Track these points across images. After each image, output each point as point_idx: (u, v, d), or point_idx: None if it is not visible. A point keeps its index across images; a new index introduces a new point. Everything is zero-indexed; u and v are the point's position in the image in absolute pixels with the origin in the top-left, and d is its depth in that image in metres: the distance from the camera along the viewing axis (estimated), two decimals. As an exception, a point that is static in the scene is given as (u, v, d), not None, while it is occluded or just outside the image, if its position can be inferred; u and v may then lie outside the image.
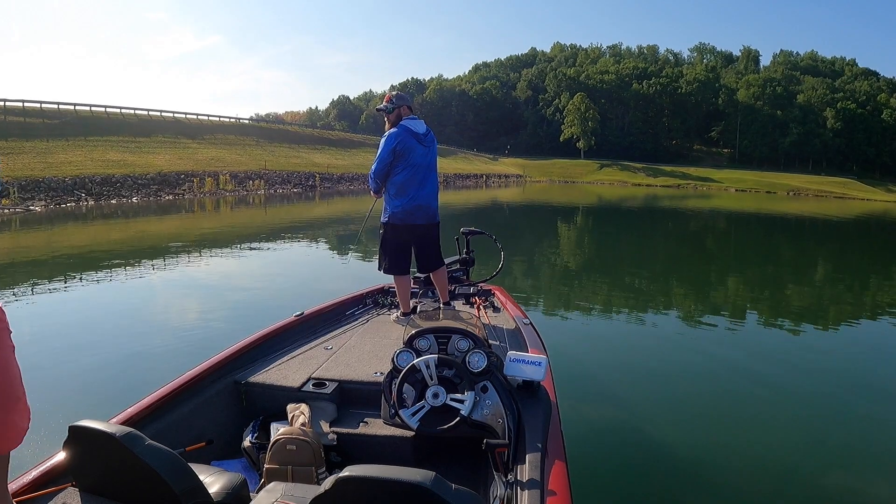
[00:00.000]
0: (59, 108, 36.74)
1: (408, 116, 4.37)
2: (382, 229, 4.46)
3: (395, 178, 4.32)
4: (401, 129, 4.29)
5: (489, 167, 74.83)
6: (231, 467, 2.37)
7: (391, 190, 4.36)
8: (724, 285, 11.67)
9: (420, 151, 4.32)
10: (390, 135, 4.28)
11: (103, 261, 11.30)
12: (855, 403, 5.19)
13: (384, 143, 4.27)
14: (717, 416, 4.81)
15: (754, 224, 28.75)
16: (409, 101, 4.46)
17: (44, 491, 1.92)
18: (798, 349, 6.93)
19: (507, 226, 21.87)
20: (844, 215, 36.46)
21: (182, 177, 30.21)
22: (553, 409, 2.54)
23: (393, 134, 4.27)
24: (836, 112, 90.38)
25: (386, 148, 4.26)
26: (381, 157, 4.28)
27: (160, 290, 9.04)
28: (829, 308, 9.70)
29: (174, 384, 2.77)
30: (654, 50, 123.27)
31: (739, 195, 59.55)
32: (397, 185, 4.33)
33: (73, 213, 20.03)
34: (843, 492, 3.73)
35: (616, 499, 3.58)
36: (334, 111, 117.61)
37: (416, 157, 4.31)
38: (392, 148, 4.24)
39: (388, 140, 4.26)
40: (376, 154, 4.33)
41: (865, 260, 17.22)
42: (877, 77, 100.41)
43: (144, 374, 5.06)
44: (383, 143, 4.27)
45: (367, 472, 1.51)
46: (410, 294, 4.49)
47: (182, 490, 1.72)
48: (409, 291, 4.43)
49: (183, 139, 40.17)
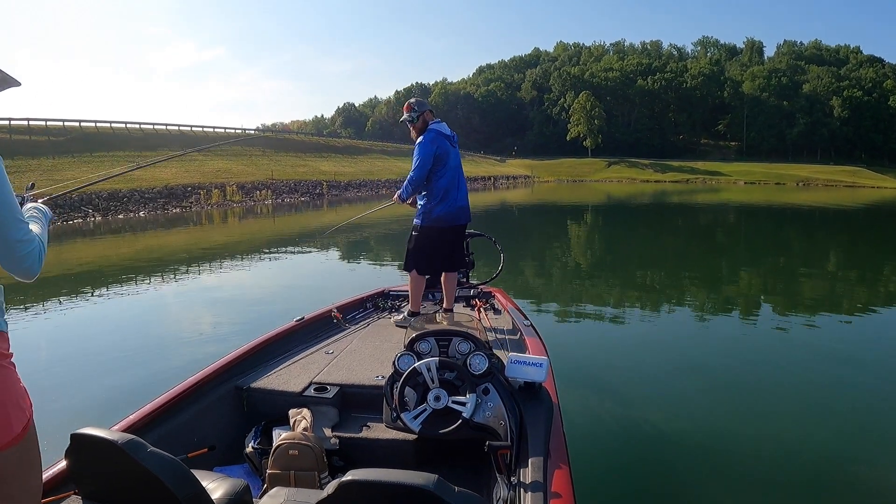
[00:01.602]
0: (63, 126, 37.11)
1: (433, 121, 4.43)
2: (418, 232, 4.46)
3: (439, 182, 4.36)
4: (434, 133, 4.34)
5: (497, 169, 74.80)
6: (233, 473, 2.39)
7: (436, 195, 4.38)
8: (732, 281, 11.55)
9: (453, 153, 4.43)
10: (428, 140, 4.30)
11: (110, 274, 11.42)
12: (867, 397, 5.11)
13: (424, 150, 4.28)
14: (722, 416, 4.74)
15: (764, 216, 28.49)
16: (428, 106, 4.50)
17: (47, 499, 1.93)
18: (810, 348, 6.76)
19: (515, 227, 21.84)
20: (856, 204, 36.10)
21: (189, 189, 30.31)
22: (555, 411, 2.53)
23: (430, 139, 4.31)
24: (842, 100, 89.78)
25: (427, 154, 4.27)
26: (423, 164, 4.28)
27: (164, 300, 9.11)
28: (842, 302, 9.50)
29: (176, 390, 2.78)
30: (658, 45, 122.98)
31: (749, 188, 59.14)
32: (442, 190, 4.38)
33: (80, 229, 20.14)
34: (855, 487, 3.68)
35: (619, 500, 3.55)
36: (340, 118, 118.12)
37: (452, 160, 4.40)
38: (433, 153, 4.28)
39: (428, 146, 4.28)
40: (414, 162, 4.31)
41: (879, 249, 17.01)
42: (882, 64, 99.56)
43: (146, 381, 5.08)
44: (423, 150, 4.28)
45: (370, 475, 1.51)
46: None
47: (185, 497, 1.72)
48: (422, 292, 4.53)
49: (189, 152, 40.40)
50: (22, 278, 1.58)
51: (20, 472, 1.54)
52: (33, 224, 1.66)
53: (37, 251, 1.56)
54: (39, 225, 1.73)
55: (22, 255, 1.52)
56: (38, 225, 1.71)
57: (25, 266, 1.54)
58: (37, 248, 1.56)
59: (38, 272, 1.58)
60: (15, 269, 1.55)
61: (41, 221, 1.79)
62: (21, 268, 1.54)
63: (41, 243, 1.61)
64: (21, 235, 1.52)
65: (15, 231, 1.50)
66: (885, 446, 4.20)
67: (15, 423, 1.51)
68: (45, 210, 1.91)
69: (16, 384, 1.55)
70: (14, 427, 1.50)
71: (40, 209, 1.88)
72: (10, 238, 1.49)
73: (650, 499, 3.60)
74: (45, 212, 1.89)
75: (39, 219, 1.79)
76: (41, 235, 1.66)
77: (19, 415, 1.52)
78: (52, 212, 2.00)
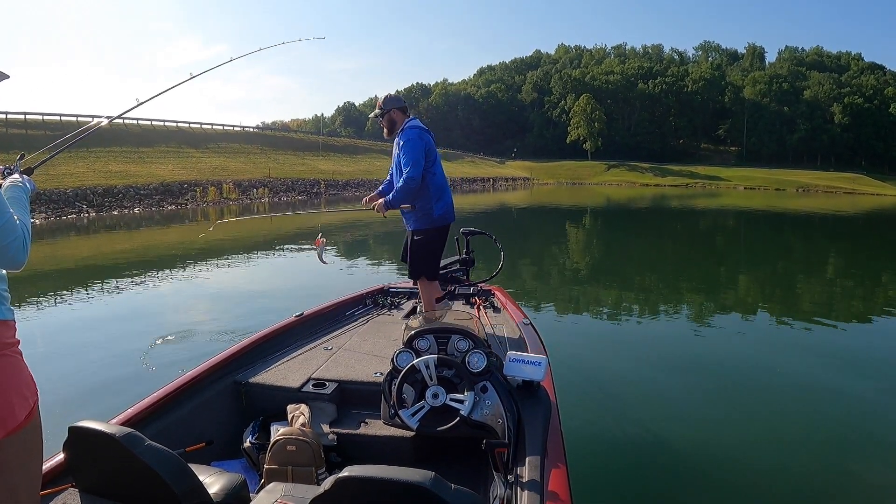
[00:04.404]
0: (60, 120, 36.80)
1: (410, 118, 4.18)
2: (422, 236, 4.19)
3: (435, 179, 4.14)
4: (419, 129, 4.06)
5: (496, 170, 74.80)
6: (231, 468, 2.38)
7: (433, 193, 4.13)
8: (730, 285, 11.56)
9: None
10: (415, 135, 4.01)
11: (105, 269, 11.39)
12: (864, 401, 5.12)
13: (415, 146, 3.97)
14: (720, 416, 4.77)
15: (764, 222, 28.50)
16: (401, 103, 4.20)
17: (44, 492, 1.92)
18: (805, 351, 6.80)
19: (513, 229, 21.83)
20: (855, 211, 36.13)
21: (185, 186, 30.22)
22: (553, 409, 2.53)
23: (416, 134, 4.01)
24: (843, 107, 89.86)
25: (419, 149, 3.97)
26: (417, 161, 3.95)
27: (161, 295, 9.10)
28: (841, 308, 9.53)
29: (174, 385, 2.79)
30: (659, 49, 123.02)
31: (748, 193, 59.18)
32: (438, 186, 4.16)
33: (74, 224, 20.06)
34: (853, 491, 3.68)
35: (616, 498, 3.56)
36: (340, 117, 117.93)
37: (437, 155, 4.22)
38: (424, 148, 4.00)
39: (417, 142, 3.98)
40: (404, 161, 3.98)
41: (878, 256, 17.02)
42: (883, 71, 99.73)
43: (144, 375, 5.10)
44: (413, 146, 3.97)
45: (367, 472, 1.52)
46: (413, 295, 4.51)
47: (182, 490, 1.73)
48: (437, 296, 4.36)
49: (186, 148, 40.29)
50: (7, 268, 1.55)
51: (22, 460, 1.54)
52: (14, 206, 1.61)
53: (20, 239, 1.52)
54: (20, 207, 1.69)
55: (5, 245, 1.49)
56: (19, 208, 1.66)
57: (10, 255, 1.50)
58: (20, 237, 1.52)
59: (23, 261, 1.54)
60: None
61: (21, 202, 1.74)
62: (5, 256, 1.51)
63: (25, 230, 1.56)
64: (3, 222, 1.48)
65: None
66: (882, 451, 4.20)
67: (18, 412, 1.51)
68: (25, 183, 1.85)
69: (20, 372, 1.55)
70: (17, 415, 1.50)
71: (20, 185, 1.82)
72: None
73: (647, 497, 3.60)
74: (25, 186, 1.84)
75: (19, 199, 1.74)
76: (23, 218, 1.61)
77: (22, 403, 1.52)
78: (33, 183, 1.93)
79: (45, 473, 1.98)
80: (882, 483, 3.77)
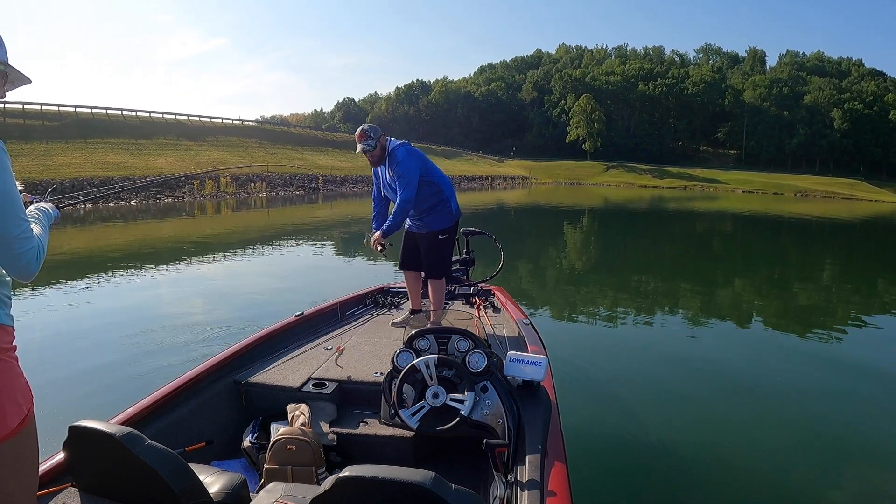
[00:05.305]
0: (59, 110, 36.65)
1: (388, 139, 4.18)
2: (446, 234, 4.31)
3: (442, 179, 4.33)
4: (406, 147, 4.13)
5: (495, 169, 74.85)
6: (231, 467, 2.38)
7: (444, 190, 4.28)
8: (728, 287, 11.60)
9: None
10: (408, 158, 4.05)
11: (102, 263, 11.34)
12: (860, 405, 5.15)
13: (409, 166, 4.02)
14: (719, 416, 4.79)
15: (761, 226, 28.57)
16: (381, 131, 4.20)
17: (43, 491, 1.91)
18: (802, 352, 6.86)
19: (511, 228, 21.84)
20: (852, 217, 36.23)
21: (182, 179, 30.16)
22: (553, 409, 2.53)
23: (406, 151, 4.08)
24: (843, 112, 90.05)
25: (415, 170, 4.04)
26: (412, 182, 4.02)
27: (160, 292, 9.05)
28: (836, 312, 9.59)
29: (174, 384, 2.78)
30: (660, 51, 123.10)
31: (746, 196, 59.30)
32: (448, 184, 4.36)
33: (70, 215, 19.91)
34: (848, 493, 3.70)
35: (616, 499, 3.56)
36: (339, 113, 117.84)
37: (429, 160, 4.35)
38: (420, 167, 4.08)
39: (412, 165, 4.04)
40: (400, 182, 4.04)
41: (873, 262, 17.08)
42: (884, 77, 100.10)
43: (144, 375, 5.06)
44: (408, 167, 4.02)
45: (367, 472, 1.51)
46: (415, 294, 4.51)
47: (182, 490, 1.72)
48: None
49: (184, 141, 40.23)
50: (18, 277, 1.56)
51: (15, 468, 1.52)
52: (34, 224, 1.63)
53: (35, 251, 1.54)
54: (40, 226, 1.72)
55: (19, 253, 1.50)
56: (38, 226, 1.69)
57: (22, 264, 1.52)
58: (35, 248, 1.54)
59: (35, 272, 1.56)
60: (11, 267, 1.53)
61: (42, 222, 1.77)
62: (18, 265, 1.52)
63: (40, 244, 1.59)
64: (19, 232, 1.49)
65: (14, 227, 1.48)
66: (880, 455, 4.22)
67: (10, 419, 1.48)
68: (48, 209, 1.89)
69: (14, 379, 1.53)
70: (9, 422, 1.48)
71: (42, 209, 1.86)
72: (9, 234, 1.47)
73: (646, 497, 3.61)
74: (48, 211, 1.88)
75: (40, 219, 1.78)
76: (41, 237, 1.63)
77: (16, 410, 1.50)
78: (57, 210, 1.97)
79: (44, 473, 1.98)
80: (879, 486, 3.79)
